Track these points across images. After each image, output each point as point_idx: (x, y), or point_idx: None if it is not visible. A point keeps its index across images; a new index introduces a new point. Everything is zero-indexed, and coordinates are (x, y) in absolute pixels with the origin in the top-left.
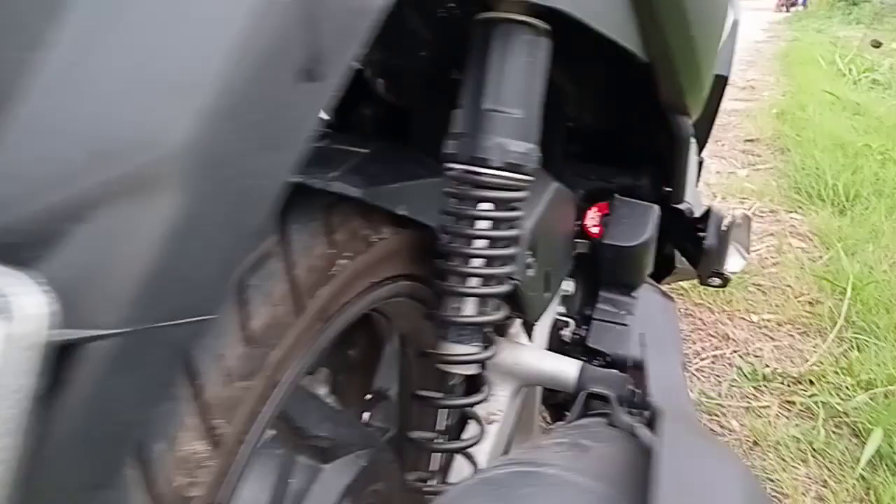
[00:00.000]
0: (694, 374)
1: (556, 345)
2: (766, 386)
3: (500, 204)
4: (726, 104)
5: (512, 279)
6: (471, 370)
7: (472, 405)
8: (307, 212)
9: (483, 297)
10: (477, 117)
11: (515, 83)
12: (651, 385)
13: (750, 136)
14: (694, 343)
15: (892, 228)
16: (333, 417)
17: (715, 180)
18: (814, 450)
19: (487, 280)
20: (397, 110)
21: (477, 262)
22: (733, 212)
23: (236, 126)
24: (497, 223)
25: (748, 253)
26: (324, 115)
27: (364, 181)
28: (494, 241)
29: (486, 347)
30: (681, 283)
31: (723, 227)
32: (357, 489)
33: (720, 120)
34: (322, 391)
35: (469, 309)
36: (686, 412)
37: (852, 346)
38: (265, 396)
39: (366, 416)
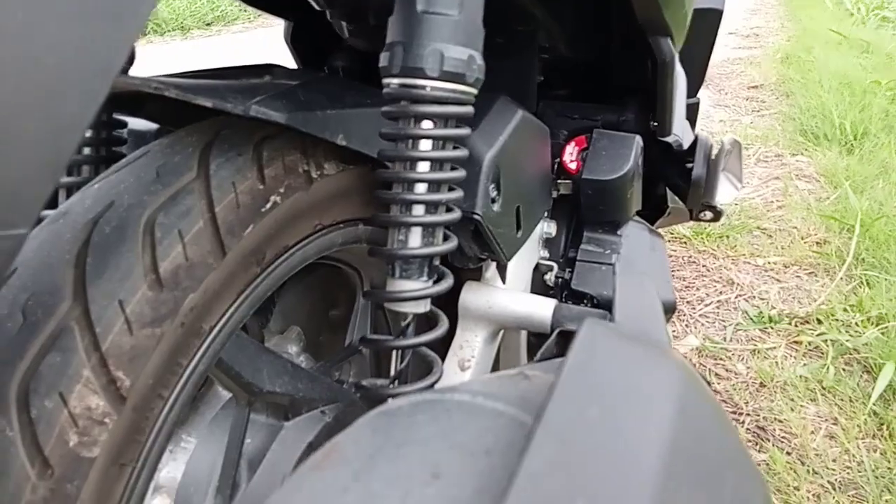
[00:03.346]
0: (698, 320)
1: (540, 289)
2: (772, 328)
3: (442, 120)
4: (730, 53)
5: (472, 213)
6: (420, 307)
7: (423, 344)
8: (233, 145)
9: (429, 227)
10: (411, 22)
11: None
12: (619, 311)
13: (754, 83)
14: (698, 289)
15: None
16: (291, 372)
17: (718, 129)
18: (823, 388)
19: (433, 207)
20: (370, 58)
21: (420, 187)
22: (723, 138)
23: None
24: (439, 142)
25: (741, 182)
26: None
27: (293, 107)
28: (437, 163)
29: (436, 282)
30: (684, 232)
31: (712, 156)
32: (321, 446)
33: (724, 69)
34: (293, 349)
35: (414, 241)
36: (655, 339)
37: (862, 283)
38: (184, 345)
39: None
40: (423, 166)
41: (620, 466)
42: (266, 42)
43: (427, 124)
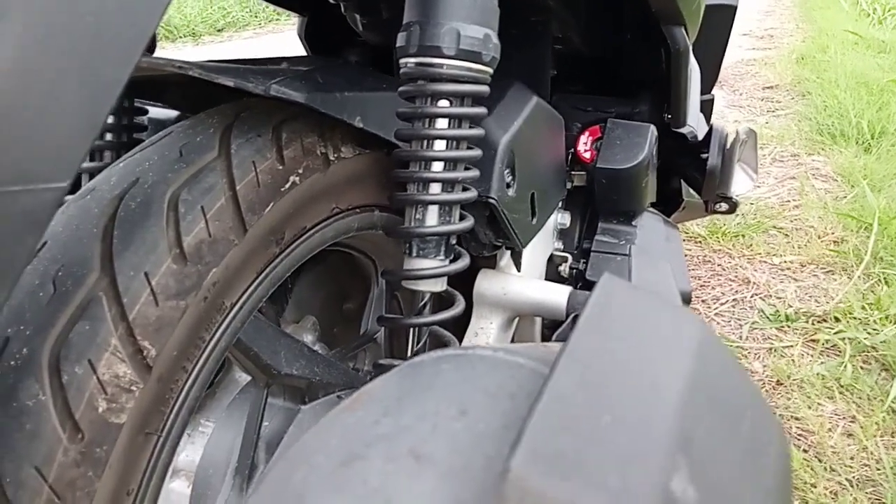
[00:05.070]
0: (713, 319)
1: (555, 280)
2: (789, 326)
3: (458, 99)
4: (744, 54)
5: (488, 197)
6: (437, 286)
7: (439, 322)
8: (253, 126)
9: (445, 205)
10: (427, 2)
11: None
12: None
13: (769, 84)
14: (713, 288)
15: None
16: (308, 357)
17: (733, 129)
18: (841, 386)
19: (449, 186)
20: (384, 53)
21: (436, 165)
22: (738, 128)
23: None
24: (455, 121)
25: (756, 173)
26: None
27: (312, 88)
28: (453, 142)
29: (453, 261)
30: (699, 231)
31: (727, 146)
32: None
33: (738, 70)
34: (309, 338)
35: (431, 219)
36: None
37: (880, 281)
38: (206, 320)
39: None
40: (439, 144)
41: (643, 391)
42: (277, 47)
43: (443, 103)
